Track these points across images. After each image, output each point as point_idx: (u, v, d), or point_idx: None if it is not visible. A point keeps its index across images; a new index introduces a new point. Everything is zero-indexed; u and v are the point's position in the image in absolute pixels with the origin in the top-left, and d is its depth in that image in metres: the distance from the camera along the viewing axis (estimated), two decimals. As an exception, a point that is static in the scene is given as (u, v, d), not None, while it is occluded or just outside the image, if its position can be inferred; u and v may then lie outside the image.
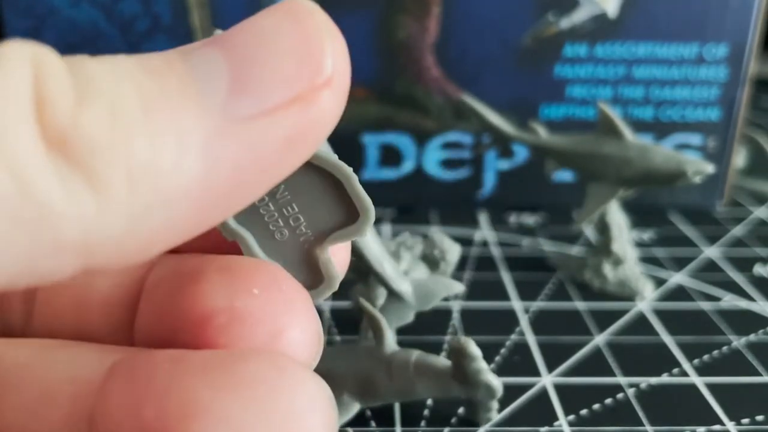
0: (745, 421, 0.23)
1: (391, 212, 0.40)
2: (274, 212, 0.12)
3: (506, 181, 0.40)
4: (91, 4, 0.36)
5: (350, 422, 0.22)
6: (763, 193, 0.43)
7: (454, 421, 0.23)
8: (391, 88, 0.38)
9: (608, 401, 0.24)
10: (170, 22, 0.37)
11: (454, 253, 0.28)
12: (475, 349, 0.21)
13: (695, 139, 0.39)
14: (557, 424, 0.23)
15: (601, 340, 0.27)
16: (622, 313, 0.29)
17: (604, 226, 0.32)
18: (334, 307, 0.30)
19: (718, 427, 0.22)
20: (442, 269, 0.28)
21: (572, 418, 0.23)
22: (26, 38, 0.09)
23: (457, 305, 0.30)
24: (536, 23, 0.37)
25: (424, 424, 0.23)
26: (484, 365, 0.21)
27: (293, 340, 0.11)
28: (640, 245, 0.35)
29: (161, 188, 0.09)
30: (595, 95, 0.38)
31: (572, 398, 0.24)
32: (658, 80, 0.38)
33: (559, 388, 0.24)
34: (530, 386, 0.24)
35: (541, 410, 0.23)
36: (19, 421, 0.11)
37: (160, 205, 0.09)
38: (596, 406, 0.23)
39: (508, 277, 0.33)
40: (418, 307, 0.24)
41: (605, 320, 0.29)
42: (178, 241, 0.10)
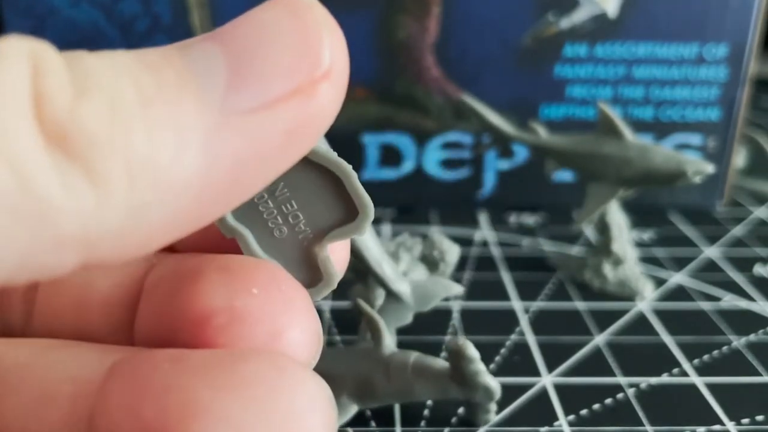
0: (745, 421, 0.23)
1: (391, 212, 0.40)
2: (273, 209, 0.12)
3: (506, 181, 0.40)
4: (91, 4, 0.36)
5: (350, 422, 0.22)
6: (763, 193, 0.43)
7: (454, 421, 0.23)
8: (391, 88, 0.38)
9: (608, 401, 0.24)
10: (170, 22, 0.37)
11: (453, 254, 0.28)
12: (473, 351, 0.20)
13: (695, 139, 0.39)
14: (557, 424, 0.23)
15: (601, 340, 0.27)
16: (622, 313, 0.29)
17: (604, 226, 0.32)
18: (334, 307, 0.30)
19: (718, 427, 0.22)
20: (441, 270, 0.28)
21: (572, 418, 0.23)
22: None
23: (457, 305, 0.30)
24: (536, 23, 0.37)
25: (424, 424, 0.23)
26: (482, 367, 0.21)
27: (293, 339, 0.11)
28: (640, 245, 0.35)
29: (160, 182, 0.09)
30: (595, 95, 0.38)
31: (572, 398, 0.24)
32: (658, 80, 0.38)
33: (559, 388, 0.24)
34: (530, 386, 0.24)
35: (541, 410, 0.23)
36: (18, 420, 0.11)
37: (159, 199, 0.09)
38: (596, 406, 0.23)
39: (508, 277, 0.33)
40: (416, 308, 0.24)
41: (605, 320, 0.29)
42: (178, 235, 0.10)
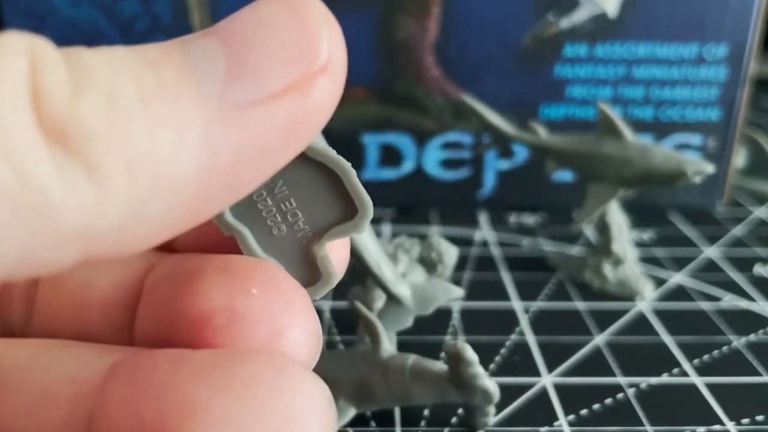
0: (745, 421, 0.23)
1: (391, 212, 0.40)
2: (272, 207, 0.12)
3: (506, 181, 0.40)
4: (91, 4, 0.36)
5: (350, 423, 0.22)
6: (763, 193, 0.43)
7: (454, 421, 0.23)
8: (391, 88, 0.38)
9: (608, 401, 0.24)
10: (170, 22, 0.37)
11: (451, 255, 0.28)
12: (471, 353, 0.20)
13: (695, 139, 0.39)
14: (557, 424, 0.23)
15: (601, 340, 0.27)
16: (622, 313, 0.29)
17: (604, 226, 0.32)
18: (333, 307, 0.30)
19: (718, 427, 0.22)
20: (439, 272, 0.28)
21: (572, 418, 0.23)
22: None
23: (457, 305, 0.30)
24: (536, 23, 0.37)
25: (424, 424, 0.23)
26: (480, 370, 0.21)
27: (292, 339, 0.11)
28: (640, 245, 0.35)
29: (160, 178, 0.09)
30: (595, 95, 0.38)
31: (572, 398, 0.24)
32: (658, 80, 0.38)
33: (559, 388, 0.24)
34: (530, 386, 0.24)
35: (541, 410, 0.23)
36: (18, 421, 0.11)
37: (159, 194, 0.09)
38: (596, 406, 0.23)
39: (508, 277, 0.33)
40: (417, 311, 0.24)
41: (605, 320, 0.29)
42: (177, 231, 0.10)
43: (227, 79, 0.09)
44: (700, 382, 0.25)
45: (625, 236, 0.32)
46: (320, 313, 0.29)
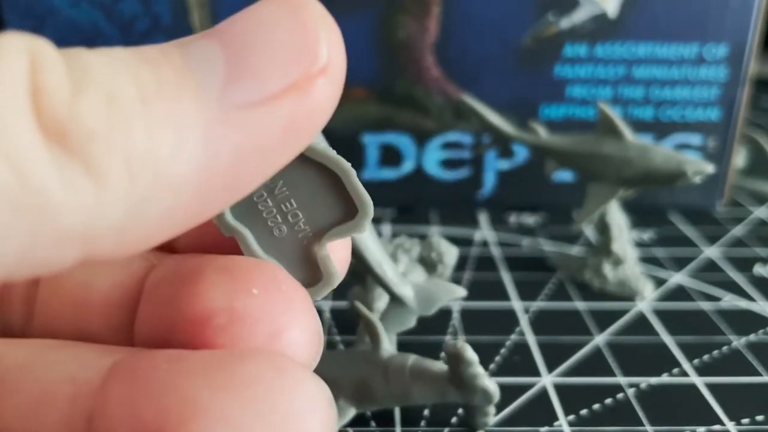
0: (745, 421, 0.23)
1: (391, 212, 0.40)
2: (272, 208, 0.12)
3: (506, 181, 0.40)
4: (91, 4, 0.36)
5: (350, 423, 0.22)
6: (763, 193, 0.43)
7: (454, 421, 0.23)
8: (391, 88, 0.38)
9: (608, 401, 0.24)
10: (170, 22, 0.37)
11: (451, 255, 0.28)
12: (471, 353, 0.20)
13: (695, 139, 0.39)
14: (557, 424, 0.23)
15: (601, 340, 0.27)
16: (622, 313, 0.29)
17: (604, 226, 0.32)
18: (334, 307, 0.30)
19: (718, 427, 0.22)
20: (439, 272, 0.28)
21: (572, 418, 0.23)
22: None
23: (457, 305, 0.30)
24: (536, 23, 0.37)
25: (424, 424, 0.23)
26: (480, 370, 0.21)
27: (293, 340, 0.11)
28: (640, 245, 0.35)
29: (160, 178, 0.09)
30: (595, 95, 0.38)
31: (572, 398, 0.24)
32: (658, 80, 0.38)
33: (559, 388, 0.24)
34: (530, 386, 0.24)
35: (541, 410, 0.23)
36: (18, 421, 0.11)
37: (158, 194, 0.09)
38: (596, 406, 0.23)
39: (508, 277, 0.33)
40: (420, 311, 0.24)
41: (605, 320, 0.29)
42: (177, 231, 0.10)
43: (227, 80, 0.09)
44: (700, 382, 0.25)
45: (625, 236, 0.32)
46: (320, 313, 0.29)
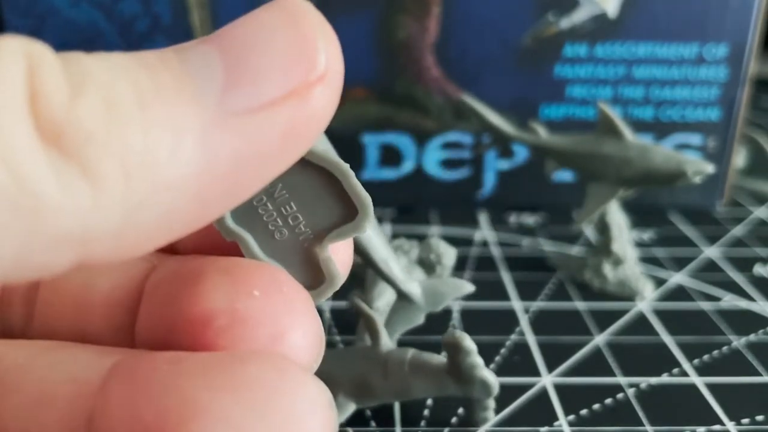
0: (745, 421, 0.23)
1: (391, 212, 0.40)
2: (272, 212, 0.12)
3: (506, 181, 0.40)
4: (91, 4, 0.36)
5: (350, 422, 0.22)
6: (763, 193, 0.43)
7: (454, 421, 0.23)
8: (391, 88, 0.38)
9: (608, 401, 0.24)
10: (170, 22, 0.37)
11: (449, 256, 0.28)
12: (470, 343, 0.20)
13: (695, 139, 0.39)
14: (557, 424, 0.23)
15: (601, 340, 0.27)
16: (622, 313, 0.29)
17: (604, 226, 0.32)
18: (333, 307, 0.30)
19: (718, 427, 0.22)
20: (438, 273, 0.28)
21: (572, 418, 0.23)
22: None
23: (457, 305, 0.30)
24: (536, 23, 0.37)
25: (424, 424, 0.23)
26: (479, 361, 0.21)
27: (294, 342, 0.11)
28: (640, 245, 0.35)
29: (157, 182, 0.09)
30: (595, 95, 0.38)
31: (572, 398, 0.24)
32: (658, 80, 0.38)
33: (559, 388, 0.24)
34: (530, 386, 0.24)
35: (541, 410, 0.23)
36: (17, 421, 0.11)
37: (156, 198, 0.09)
38: (596, 406, 0.23)
39: (508, 277, 0.33)
40: (427, 308, 0.24)
41: (605, 320, 0.29)
42: (174, 236, 0.10)
43: (225, 85, 0.09)
44: (700, 382, 0.25)
45: (625, 236, 0.32)
46: (320, 313, 0.29)
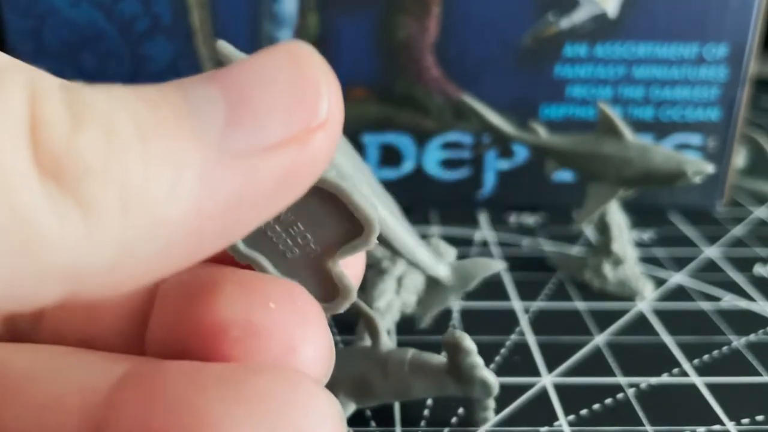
0: (745, 421, 0.23)
1: (391, 212, 0.40)
2: (281, 233, 0.13)
3: (506, 181, 0.40)
4: (91, 4, 0.36)
5: (350, 422, 0.22)
6: (763, 193, 0.43)
7: (454, 421, 0.23)
8: (391, 88, 0.38)
9: (608, 401, 0.24)
10: (170, 22, 0.37)
11: (449, 256, 0.28)
12: (470, 343, 0.20)
13: (695, 139, 0.39)
14: (557, 424, 0.23)
15: (601, 340, 0.27)
16: (622, 313, 0.29)
17: (604, 226, 0.32)
18: (334, 307, 0.30)
19: (718, 427, 0.22)
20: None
21: (572, 418, 0.23)
22: (26, 38, 0.09)
23: (456, 305, 0.30)
24: (536, 23, 0.37)
25: (424, 424, 0.23)
26: (479, 360, 0.20)
27: (306, 355, 0.12)
28: (640, 245, 0.35)
29: (154, 217, 0.09)
30: (595, 95, 0.38)
31: (572, 398, 0.24)
32: (658, 80, 0.38)
33: (559, 388, 0.24)
34: (530, 386, 0.24)
35: (541, 410, 0.23)
36: (25, 428, 0.11)
37: (152, 234, 0.09)
38: (596, 406, 0.23)
39: (508, 277, 0.33)
40: (458, 289, 0.23)
41: (605, 320, 0.29)
42: (168, 271, 0.10)
43: (227, 124, 0.09)
44: (700, 382, 0.25)
45: (625, 236, 0.32)
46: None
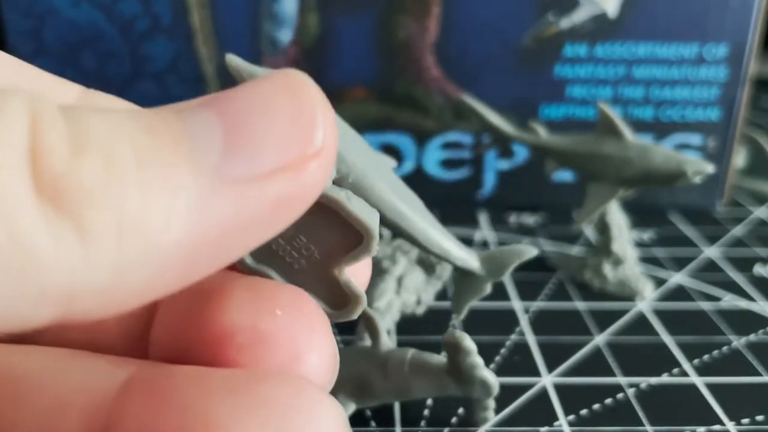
0: (745, 421, 0.23)
1: (391, 212, 0.40)
2: (286, 246, 0.13)
3: (506, 181, 0.40)
4: (91, 4, 0.36)
5: (350, 422, 0.22)
6: (763, 193, 0.43)
7: (454, 421, 0.23)
8: (391, 88, 0.38)
9: (608, 401, 0.24)
10: (170, 22, 0.37)
11: None
12: (470, 343, 0.20)
13: (695, 139, 0.39)
14: (557, 424, 0.23)
15: (601, 340, 0.27)
16: (622, 313, 0.29)
17: (604, 226, 0.32)
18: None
19: (718, 427, 0.22)
20: (438, 273, 0.28)
21: (572, 418, 0.23)
22: (26, 38, 0.09)
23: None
24: (536, 23, 0.37)
25: (424, 424, 0.23)
26: (479, 360, 0.21)
27: (312, 362, 0.12)
28: (640, 245, 0.35)
29: (150, 242, 0.09)
30: (595, 95, 0.38)
31: (572, 398, 0.24)
32: (658, 80, 0.38)
33: (559, 388, 0.24)
34: (530, 386, 0.24)
35: (541, 410, 0.23)
36: (30, 431, 0.11)
37: (147, 258, 0.09)
38: (596, 406, 0.23)
39: (507, 277, 0.33)
40: (491, 278, 0.23)
41: (605, 320, 0.29)
42: (162, 294, 0.10)
43: (224, 152, 0.09)
44: (700, 382, 0.25)
45: (625, 236, 0.32)
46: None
